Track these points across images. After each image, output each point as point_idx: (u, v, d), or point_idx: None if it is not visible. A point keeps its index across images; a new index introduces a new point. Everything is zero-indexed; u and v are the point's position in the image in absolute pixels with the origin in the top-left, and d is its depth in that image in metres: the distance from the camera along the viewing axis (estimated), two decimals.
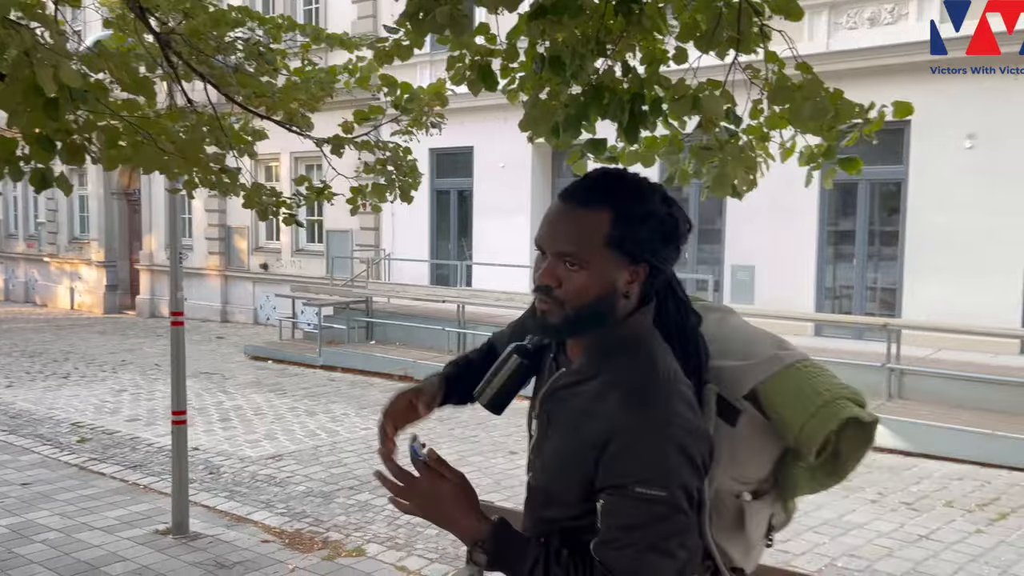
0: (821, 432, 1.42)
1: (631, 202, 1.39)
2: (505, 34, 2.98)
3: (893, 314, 10.12)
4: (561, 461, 1.43)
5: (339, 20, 14.21)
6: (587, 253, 1.37)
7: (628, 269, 1.39)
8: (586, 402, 1.40)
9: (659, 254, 1.40)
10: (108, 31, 4.38)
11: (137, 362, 12.54)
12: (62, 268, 21.49)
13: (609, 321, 1.41)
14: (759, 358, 1.49)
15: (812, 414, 1.43)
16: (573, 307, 1.38)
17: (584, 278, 1.37)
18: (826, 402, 1.43)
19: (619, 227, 1.37)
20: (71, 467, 6.97)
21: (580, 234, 1.38)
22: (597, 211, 1.38)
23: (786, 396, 1.46)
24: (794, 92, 2.64)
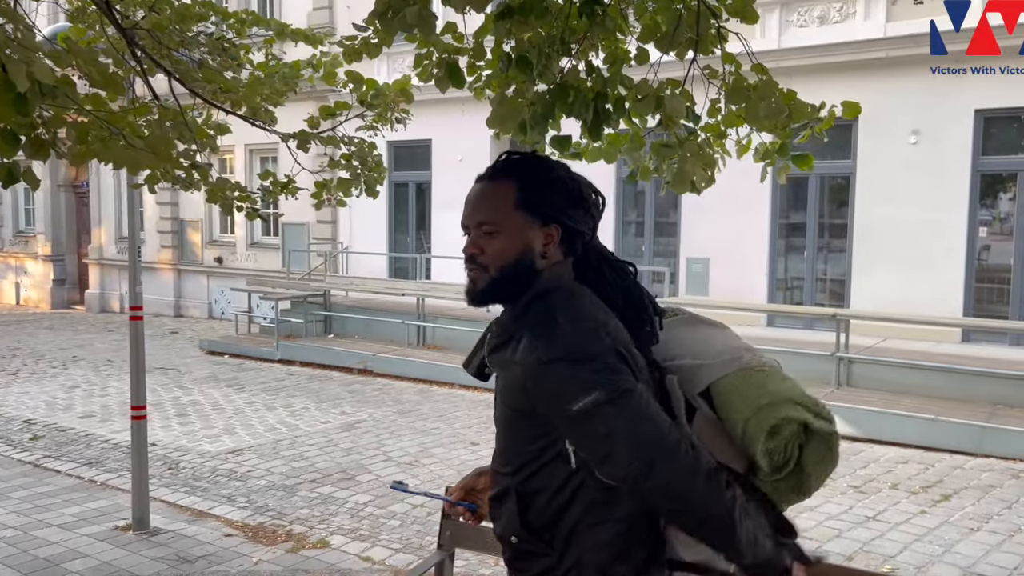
0: (759, 432, 1.46)
1: (533, 170, 1.57)
2: (472, 33, 3.05)
3: (842, 304, 10.44)
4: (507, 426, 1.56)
5: (294, 12, 14.06)
6: (501, 217, 1.53)
7: (541, 230, 1.54)
8: (505, 356, 1.52)
9: (568, 214, 1.54)
10: (65, 24, 4.31)
11: (89, 358, 12.31)
12: (7, 262, 20.90)
13: (532, 282, 1.53)
14: (719, 359, 1.57)
15: (755, 412, 1.48)
16: (496, 269, 1.53)
17: (502, 241, 1.53)
18: (771, 403, 1.48)
19: (525, 190, 1.54)
20: (24, 464, 6.85)
21: (492, 203, 1.55)
22: (504, 181, 1.56)
23: (733, 395, 1.52)
24: (750, 92, 2.76)
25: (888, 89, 9.62)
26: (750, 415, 1.49)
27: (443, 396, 9.48)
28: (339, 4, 14.41)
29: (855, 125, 10.05)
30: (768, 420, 1.47)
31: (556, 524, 1.51)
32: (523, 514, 1.52)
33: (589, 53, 2.93)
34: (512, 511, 1.54)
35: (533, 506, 1.52)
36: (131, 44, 3.13)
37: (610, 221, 11.93)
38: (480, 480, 1.77)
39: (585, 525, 1.49)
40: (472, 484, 1.78)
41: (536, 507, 1.52)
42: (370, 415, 8.62)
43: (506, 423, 1.55)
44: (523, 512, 1.52)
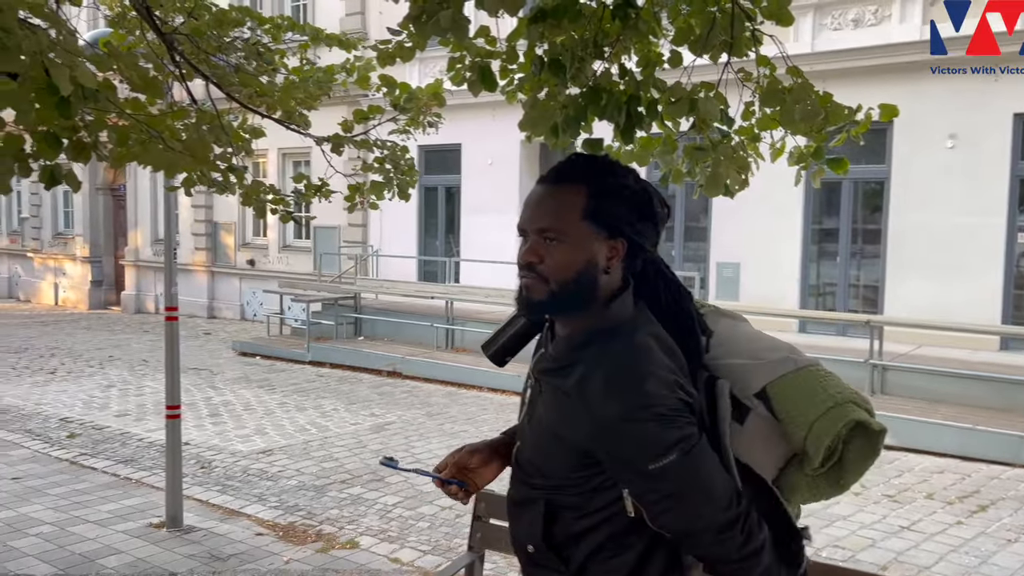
0: (830, 432, 1.45)
1: (604, 177, 1.46)
2: (505, 36, 3.06)
3: (876, 311, 10.29)
4: (549, 445, 1.50)
5: (326, 17, 14.21)
6: (566, 226, 1.42)
7: (607, 243, 1.44)
8: (573, 393, 1.43)
9: (636, 228, 1.45)
10: (105, 30, 4.40)
11: (124, 358, 12.52)
12: (46, 264, 21.34)
13: (591, 299, 1.45)
14: (773, 357, 1.52)
15: (823, 413, 1.45)
16: (556, 281, 1.43)
17: (564, 251, 1.42)
18: (837, 403, 1.46)
19: (594, 200, 1.43)
20: (62, 462, 6.98)
21: (558, 209, 1.43)
22: (573, 186, 1.44)
23: (798, 395, 1.48)
24: (785, 95, 2.74)
25: (924, 92, 9.48)
26: (816, 417, 1.45)
27: (471, 399, 9.50)
28: (371, 10, 14.54)
29: (890, 129, 9.92)
30: (838, 423, 1.45)
31: (577, 543, 1.49)
32: (548, 526, 1.50)
33: (622, 56, 2.92)
34: (537, 521, 1.51)
35: (560, 520, 1.50)
36: (170, 49, 3.19)
37: None
38: (473, 458, 1.70)
39: (606, 550, 1.48)
40: (464, 462, 1.70)
41: (563, 522, 1.49)
42: (399, 417, 8.67)
43: (549, 443, 1.50)
44: (548, 524, 1.50)
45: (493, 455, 1.72)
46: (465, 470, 1.70)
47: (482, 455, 1.71)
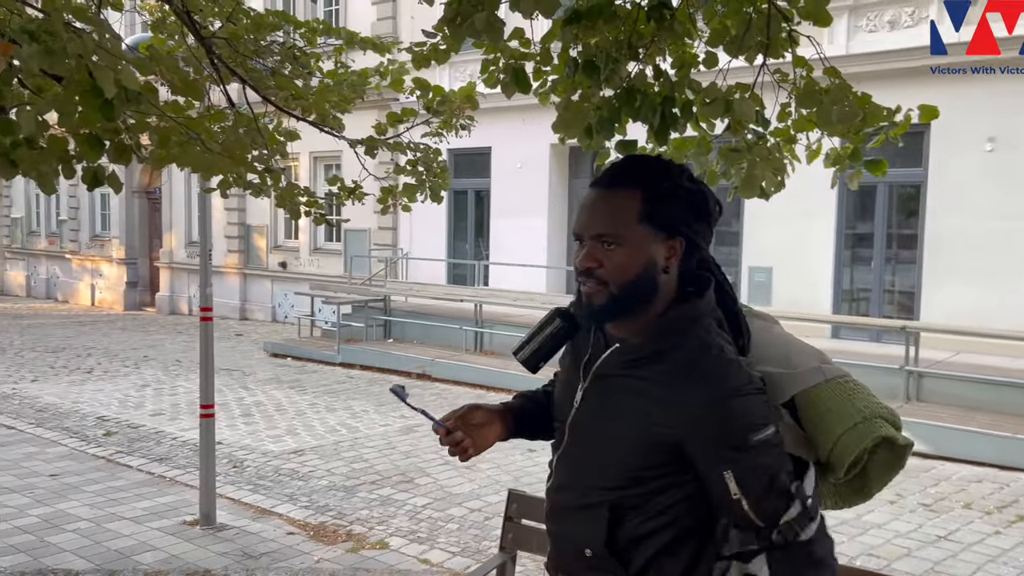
0: (855, 448, 1.45)
1: (659, 179, 1.47)
2: (539, 38, 3.06)
3: (911, 317, 10.13)
4: (616, 444, 1.48)
5: (359, 22, 14.33)
6: (623, 230, 1.43)
7: (664, 244, 1.45)
8: (655, 386, 1.43)
9: (693, 227, 1.47)
10: (145, 34, 4.48)
11: (159, 358, 12.71)
12: (83, 265, 21.75)
13: (652, 299, 1.46)
14: (802, 368, 1.52)
15: (850, 428, 1.45)
16: (616, 285, 1.44)
17: (623, 255, 1.43)
18: (864, 418, 1.46)
19: (650, 202, 1.44)
20: (98, 459, 7.10)
21: (614, 213, 1.44)
22: (628, 190, 1.45)
23: (826, 408, 1.48)
24: (822, 96, 2.71)
25: (963, 95, 9.31)
26: (842, 432, 1.46)
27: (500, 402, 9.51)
28: (403, 14, 14.64)
29: (927, 132, 9.76)
30: (864, 439, 1.45)
31: (639, 546, 1.47)
32: (612, 530, 1.47)
33: (656, 57, 2.92)
34: (600, 525, 1.48)
35: (624, 523, 1.47)
36: (209, 53, 3.24)
37: None
38: (476, 414, 1.72)
39: (666, 553, 1.47)
40: (468, 416, 1.71)
41: (627, 525, 1.47)
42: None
43: (615, 443, 1.48)
44: (612, 528, 1.47)
45: (494, 417, 1.74)
46: (468, 426, 1.71)
47: (484, 413, 1.73)
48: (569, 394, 1.60)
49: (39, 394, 9.89)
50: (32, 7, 2.65)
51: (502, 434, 1.75)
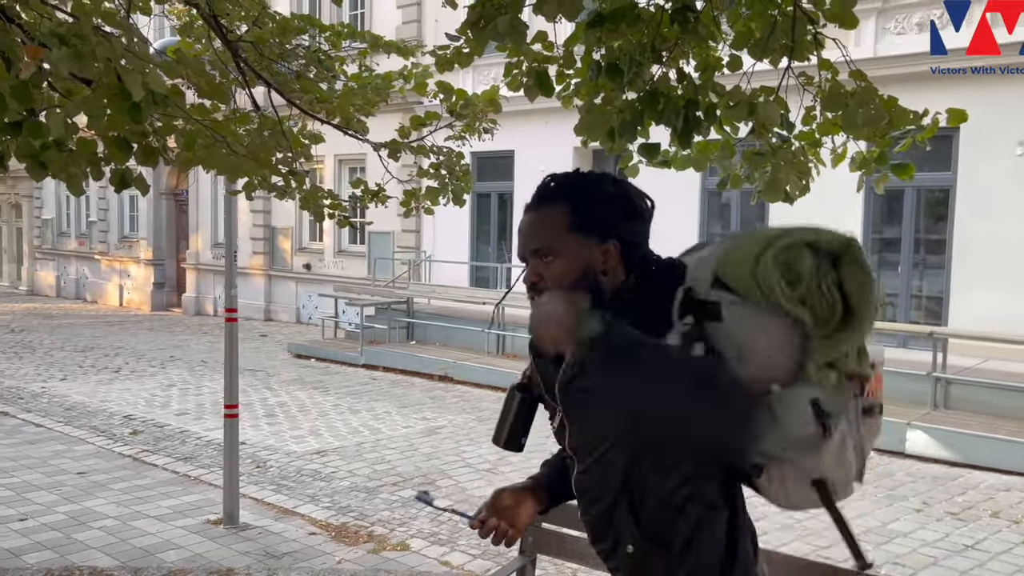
0: (774, 273, 1.39)
1: (582, 190, 1.56)
2: (562, 41, 3.06)
3: (939, 323, 9.99)
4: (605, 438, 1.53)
5: (383, 26, 14.41)
6: (555, 242, 1.53)
7: (599, 248, 1.52)
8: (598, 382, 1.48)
9: (624, 228, 1.54)
10: (172, 39, 4.55)
11: (184, 358, 12.85)
12: (112, 266, 22.06)
13: (598, 300, 1.50)
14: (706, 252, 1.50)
15: (758, 258, 1.39)
16: None
17: (560, 265, 1.52)
18: (768, 243, 1.42)
19: (577, 212, 1.52)
20: (125, 458, 7.19)
21: (546, 228, 1.54)
22: (555, 205, 1.55)
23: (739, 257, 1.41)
24: (847, 99, 2.68)
25: (992, 98, 9.17)
26: (754, 264, 1.37)
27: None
28: (427, 18, 14.71)
29: (955, 136, 9.63)
30: (777, 258, 1.38)
31: (674, 524, 1.49)
32: (636, 517, 1.52)
33: (680, 60, 2.90)
34: (626, 518, 1.52)
35: (645, 506, 1.51)
36: (235, 56, 3.28)
37: (694, 233, 11.75)
38: (504, 497, 1.78)
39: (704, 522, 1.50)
40: (498, 503, 1.77)
41: (650, 506, 1.51)
42: (450, 421, 8.71)
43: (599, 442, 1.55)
44: (636, 515, 1.52)
45: (524, 496, 1.80)
46: (500, 510, 1.75)
47: (511, 495, 1.78)
48: (558, 423, 1.65)
49: (68, 393, 10.04)
50: (62, 11, 2.69)
51: (537, 508, 1.81)
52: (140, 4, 3.55)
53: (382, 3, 15.66)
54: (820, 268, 1.40)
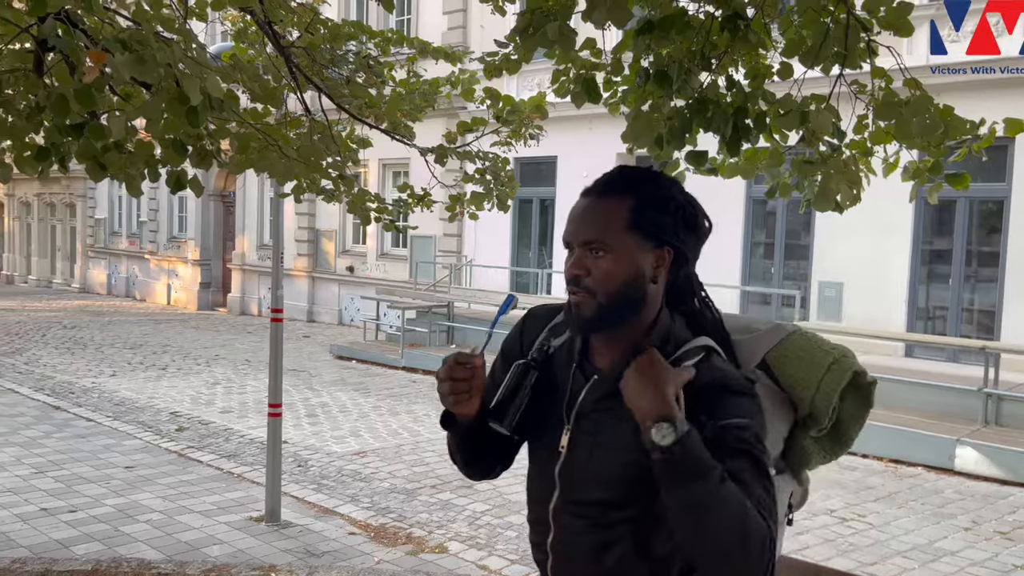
0: (837, 386, 1.49)
1: (649, 188, 1.46)
2: (611, 48, 3.07)
3: (991, 337, 9.73)
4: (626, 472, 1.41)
5: (429, 32, 14.55)
6: (611, 237, 1.41)
7: (653, 252, 1.43)
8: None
9: (681, 238, 1.45)
10: (227, 43, 4.65)
11: (229, 357, 13.08)
12: (160, 265, 22.56)
13: (640, 309, 1.43)
14: (764, 329, 1.56)
15: (827, 368, 1.49)
16: (604, 294, 1.41)
17: (610, 262, 1.40)
18: (835, 358, 1.51)
19: (639, 210, 1.42)
20: (171, 453, 7.34)
21: (603, 221, 1.42)
22: (617, 198, 1.44)
23: (798, 357, 1.52)
24: (901, 108, 2.64)
25: None
26: (822, 374, 1.49)
27: None
28: (473, 23, 14.80)
29: (1011, 146, 9.39)
30: (845, 374, 1.49)
31: (670, 565, 1.44)
32: (641, 556, 1.44)
33: (729, 68, 2.88)
34: (629, 556, 1.44)
35: (651, 547, 1.44)
36: (288, 62, 3.35)
37: (738, 242, 11.63)
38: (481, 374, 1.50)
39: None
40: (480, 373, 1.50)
41: (654, 547, 1.44)
42: None
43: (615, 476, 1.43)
44: (641, 554, 1.44)
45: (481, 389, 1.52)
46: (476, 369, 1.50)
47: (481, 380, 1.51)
48: (552, 439, 1.51)
49: (117, 388, 10.29)
50: (123, 16, 2.77)
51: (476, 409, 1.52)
52: (196, 11, 3.64)
53: (428, 9, 15.81)
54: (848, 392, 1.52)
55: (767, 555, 1.29)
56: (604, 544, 1.45)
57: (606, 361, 1.48)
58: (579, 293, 1.43)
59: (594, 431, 1.46)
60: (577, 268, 1.43)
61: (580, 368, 1.50)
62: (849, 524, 5.95)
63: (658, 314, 1.46)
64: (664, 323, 1.47)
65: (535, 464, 1.57)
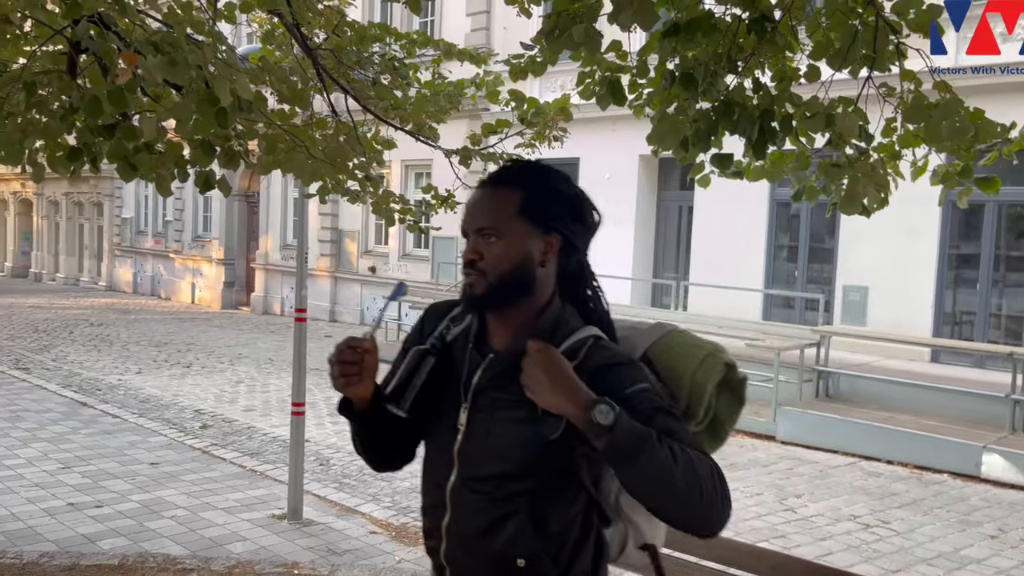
0: (711, 379, 1.58)
1: (538, 180, 1.58)
2: (637, 51, 3.06)
3: (1019, 343, 9.59)
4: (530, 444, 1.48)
5: (452, 33, 14.58)
6: (502, 224, 1.53)
7: (541, 239, 1.54)
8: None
9: (569, 227, 1.56)
10: (255, 45, 4.71)
11: (252, 356, 13.19)
12: (185, 264, 22.79)
13: (530, 290, 1.54)
14: (646, 326, 1.69)
15: (700, 362, 1.60)
16: (496, 275, 1.52)
17: (502, 247, 1.52)
18: (709, 352, 1.62)
19: (529, 199, 1.54)
20: (195, 451, 7.42)
21: (495, 209, 1.54)
22: (508, 188, 1.56)
23: (676, 353, 1.62)
24: (931, 110, 2.61)
25: None
26: (696, 367, 1.59)
27: None
28: (496, 25, 14.82)
29: None
30: (715, 367, 1.59)
31: (567, 536, 1.53)
32: (538, 528, 1.51)
33: (756, 70, 2.87)
34: (527, 529, 1.50)
35: (549, 518, 1.52)
36: (315, 63, 3.38)
37: (761, 245, 11.55)
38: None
39: (584, 532, 1.56)
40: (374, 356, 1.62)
41: (551, 519, 1.52)
42: None
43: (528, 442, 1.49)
44: (539, 526, 1.51)
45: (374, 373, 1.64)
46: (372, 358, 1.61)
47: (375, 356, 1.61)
48: (449, 419, 1.58)
49: (143, 386, 10.42)
50: (156, 19, 2.81)
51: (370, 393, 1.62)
52: (224, 13, 3.68)
53: (451, 11, 15.85)
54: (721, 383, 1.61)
55: (722, 483, 1.42)
56: (500, 518, 1.52)
57: (502, 342, 1.58)
58: (473, 275, 1.54)
59: (491, 407, 1.55)
60: (471, 252, 1.54)
61: (476, 348, 1.60)
62: (873, 531, 5.89)
63: (550, 300, 1.57)
64: (555, 309, 1.57)
65: (433, 447, 1.65)
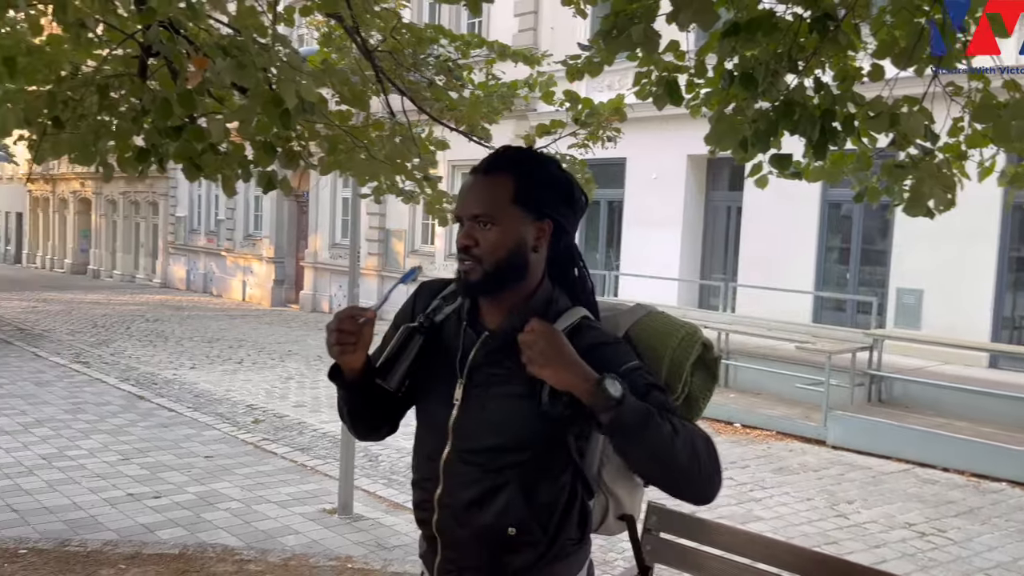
0: (688, 358, 1.64)
1: (531, 166, 1.61)
2: (695, 51, 3.05)
3: None
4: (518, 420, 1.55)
5: (500, 34, 14.60)
6: (496, 211, 1.56)
7: (534, 224, 1.58)
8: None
9: (561, 212, 1.60)
10: (313, 47, 4.80)
11: (301, 353, 13.40)
12: (236, 262, 23.24)
13: (524, 275, 1.58)
14: (627, 308, 1.75)
15: (679, 342, 1.66)
16: (490, 262, 1.55)
17: (496, 233, 1.55)
18: (687, 331, 1.68)
19: (522, 187, 1.57)
20: (247, 445, 7.57)
21: (489, 196, 1.57)
22: (502, 176, 1.59)
23: (655, 331, 1.68)
24: (1000, 110, 2.55)
25: None
26: (674, 345, 1.65)
27: None
28: (543, 25, 14.82)
29: None
30: (692, 345, 1.65)
31: (555, 506, 1.59)
32: (528, 499, 1.56)
33: (817, 69, 2.83)
34: (517, 499, 1.56)
35: (538, 489, 1.57)
36: (373, 65, 3.44)
37: (812, 247, 11.35)
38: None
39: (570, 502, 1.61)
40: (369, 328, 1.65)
41: (541, 490, 1.57)
42: None
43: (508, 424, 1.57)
44: (528, 497, 1.56)
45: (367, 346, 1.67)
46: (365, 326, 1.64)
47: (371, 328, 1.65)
48: (444, 394, 1.63)
49: (196, 381, 10.66)
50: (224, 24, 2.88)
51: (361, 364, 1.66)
52: (285, 17, 3.75)
53: (500, 12, 15.89)
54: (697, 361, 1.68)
55: (716, 454, 1.48)
56: (492, 489, 1.57)
57: (494, 321, 1.62)
58: (468, 261, 1.57)
59: (487, 383, 1.60)
60: (466, 239, 1.57)
61: (471, 327, 1.65)
62: (929, 539, 5.76)
63: (541, 281, 1.62)
64: (546, 291, 1.62)
65: (426, 422, 1.69)
